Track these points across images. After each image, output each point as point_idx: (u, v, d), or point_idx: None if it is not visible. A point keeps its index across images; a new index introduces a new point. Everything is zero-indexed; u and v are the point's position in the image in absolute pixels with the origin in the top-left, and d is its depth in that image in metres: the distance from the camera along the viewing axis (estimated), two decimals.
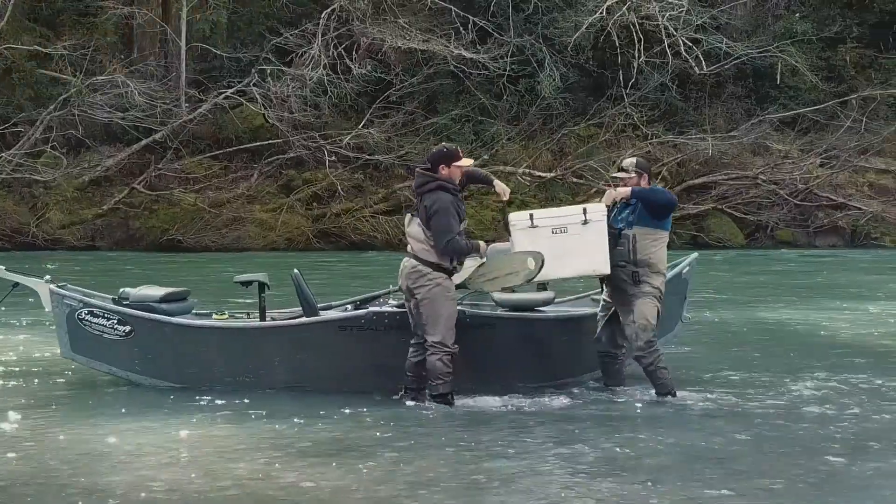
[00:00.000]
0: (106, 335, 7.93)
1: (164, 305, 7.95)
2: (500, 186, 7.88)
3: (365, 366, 7.91)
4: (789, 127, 29.27)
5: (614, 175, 8.05)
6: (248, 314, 8.43)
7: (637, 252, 7.58)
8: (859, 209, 27.61)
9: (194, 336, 7.93)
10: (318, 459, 6.01)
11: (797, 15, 30.33)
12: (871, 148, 28.93)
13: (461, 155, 7.54)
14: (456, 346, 7.29)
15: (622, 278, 7.61)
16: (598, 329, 7.87)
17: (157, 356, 7.96)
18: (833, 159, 28.36)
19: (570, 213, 7.73)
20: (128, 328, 7.89)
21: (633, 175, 7.76)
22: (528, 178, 27.07)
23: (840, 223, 27.63)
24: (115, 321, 7.91)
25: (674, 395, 7.62)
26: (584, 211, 7.61)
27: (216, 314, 8.32)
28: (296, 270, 8.03)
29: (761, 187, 27.81)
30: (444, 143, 7.87)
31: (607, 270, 7.57)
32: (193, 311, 8.27)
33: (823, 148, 28.41)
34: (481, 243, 7.56)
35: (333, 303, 8.63)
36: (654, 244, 7.64)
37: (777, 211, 27.71)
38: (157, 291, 8.03)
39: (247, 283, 8.09)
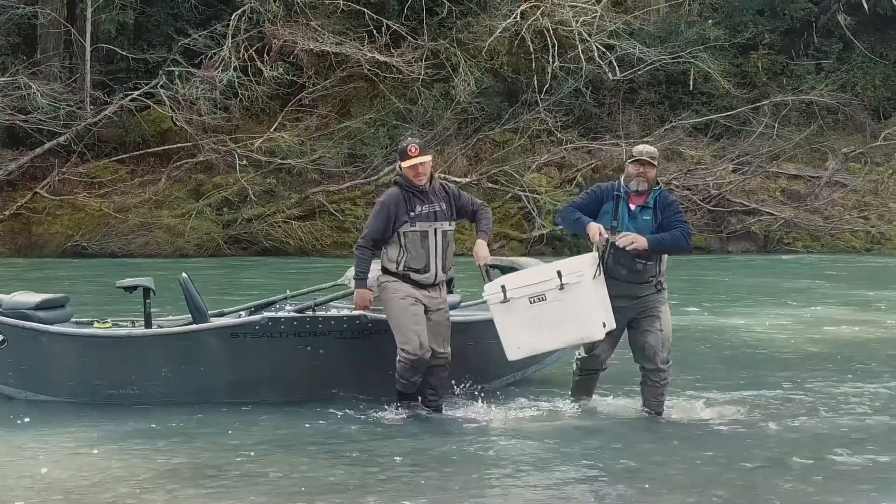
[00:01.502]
0: None
1: (40, 313, 7.45)
2: (476, 249, 7.45)
3: (260, 375, 7.54)
4: (702, 133, 29.43)
5: (634, 163, 7.16)
6: (132, 322, 7.98)
7: (663, 262, 7.21)
8: (771, 215, 27.82)
9: (72, 346, 7.43)
10: (195, 482, 5.61)
11: (710, 21, 30.51)
12: (783, 154, 29.22)
13: (412, 153, 7.27)
14: (421, 351, 7.11)
15: (643, 288, 7.14)
16: (599, 346, 7.26)
17: (32, 368, 7.45)
18: (745, 165, 28.56)
19: (544, 278, 7.06)
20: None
21: (655, 166, 7.19)
22: (444, 183, 26.73)
23: (753, 228, 27.81)
24: None
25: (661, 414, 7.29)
26: (559, 274, 7.01)
27: (98, 322, 7.84)
28: (184, 274, 7.62)
29: (675, 193, 27.83)
30: (408, 139, 7.69)
31: (601, 335, 7.03)
32: (73, 319, 7.80)
33: (736, 154, 28.62)
34: (367, 277, 7.33)
35: (226, 309, 8.24)
36: None
37: (690, 217, 27.76)
38: (33, 298, 7.53)
39: (130, 289, 7.65)
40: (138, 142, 26.43)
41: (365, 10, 26.91)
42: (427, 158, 7.35)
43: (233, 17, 26.40)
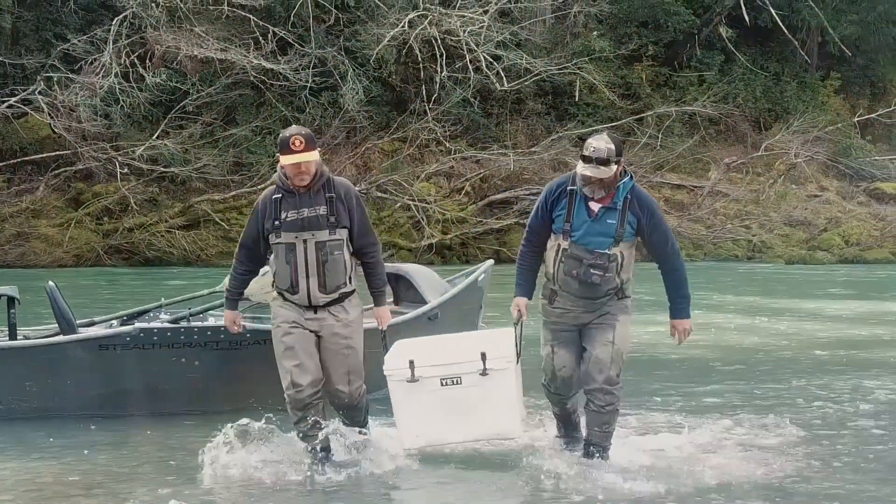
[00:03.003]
0: None
1: None
2: (377, 313, 6.58)
3: (132, 388, 7.27)
4: None
5: (584, 170, 6.01)
6: None
7: (624, 271, 6.15)
8: None
9: None
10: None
11: (595, 33, 30.86)
12: (666, 164, 29.69)
13: (295, 146, 6.12)
14: (293, 390, 6.14)
15: (600, 294, 6.12)
16: (560, 364, 6.25)
17: None
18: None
19: (462, 359, 6.07)
20: None
21: (613, 167, 6.00)
22: (340, 182, 26.49)
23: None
24: None
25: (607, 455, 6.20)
26: (483, 357, 6.02)
27: None
28: (51, 283, 7.31)
29: None
30: (293, 129, 6.36)
31: (518, 434, 6.20)
32: None
33: None
34: (238, 295, 6.53)
35: (97, 318, 7.94)
36: (631, 257, 6.25)
37: None
38: None
39: None
40: (15, 150, 25.55)
41: (251, 16, 26.52)
42: (312, 156, 6.17)
43: (114, 23, 25.73)
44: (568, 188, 6.14)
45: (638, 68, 31.83)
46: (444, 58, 27.53)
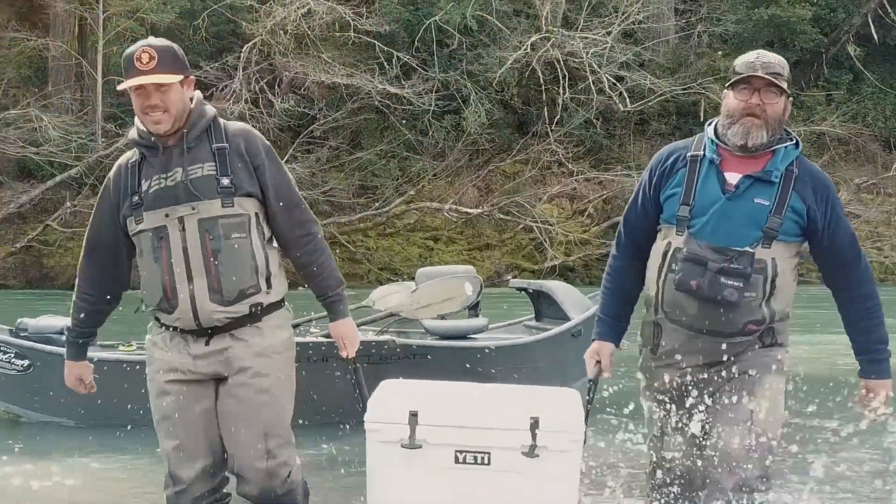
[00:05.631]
0: (2, 370, 7.32)
1: (64, 337, 7.33)
2: (336, 331, 4.23)
3: None
4: None
5: (741, 87, 3.88)
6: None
7: (778, 295, 3.89)
8: None
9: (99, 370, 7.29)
10: None
11: (720, 53, 30.52)
12: None
13: (140, 63, 3.80)
14: (172, 488, 3.96)
15: (735, 326, 3.84)
16: (669, 453, 3.93)
17: (58, 393, 7.33)
18: None
19: (501, 423, 3.70)
20: (26, 362, 7.28)
21: (783, 98, 3.99)
22: (455, 215, 26.74)
23: None
24: (12, 355, 7.30)
25: None
26: (534, 425, 3.66)
27: (123, 345, 7.73)
28: None
29: None
30: (141, 41, 3.98)
31: None
32: (98, 344, 7.68)
33: None
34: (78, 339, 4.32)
35: None
36: (793, 273, 4.01)
37: None
38: (59, 322, 7.42)
39: None
40: None
41: (375, 42, 26.95)
42: (170, 79, 3.87)
43: (244, 50, 26.44)
44: (689, 154, 3.93)
45: None
46: (567, 79, 27.54)
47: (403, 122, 27.68)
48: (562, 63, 27.55)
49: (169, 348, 3.93)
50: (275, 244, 4.05)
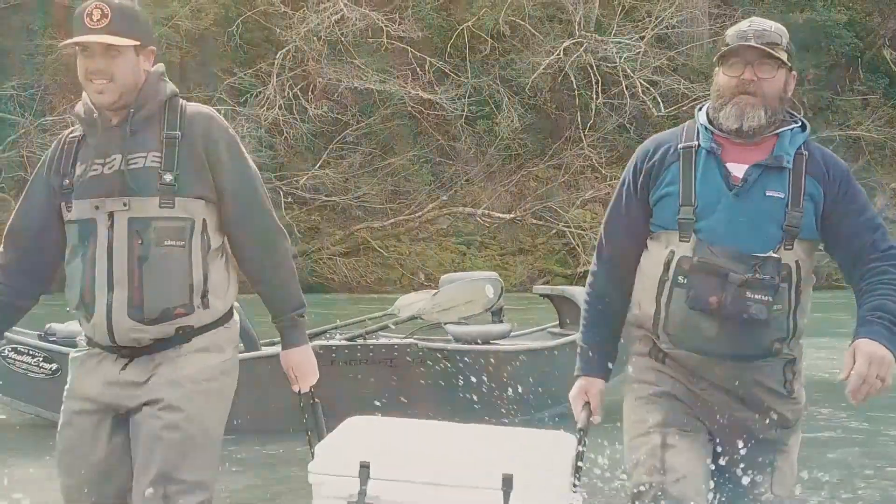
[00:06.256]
0: (31, 374, 7.43)
1: None
2: (289, 361, 3.55)
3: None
4: None
5: (732, 60, 3.31)
6: None
7: (802, 301, 3.27)
8: (819, 250, 27.44)
9: None
10: None
11: None
12: None
13: (90, 20, 3.15)
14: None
15: (762, 347, 3.18)
16: (676, 469, 3.11)
17: None
18: None
19: (470, 477, 2.98)
20: (54, 366, 7.38)
21: (783, 71, 3.32)
22: (488, 220, 26.78)
23: None
24: (41, 359, 7.40)
25: None
26: (507, 482, 2.93)
27: None
28: (236, 304, 7.57)
29: None
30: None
31: None
32: None
33: None
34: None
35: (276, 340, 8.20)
36: (811, 279, 3.37)
37: None
38: None
39: None
40: None
41: (408, 48, 27.04)
42: (121, 41, 3.16)
43: (278, 56, 26.61)
44: (680, 146, 3.33)
45: (799, 92, 31.09)
46: (600, 84, 27.50)
47: (436, 127, 27.76)
48: (595, 68, 27.53)
49: (84, 370, 3.34)
50: (225, 255, 3.39)
